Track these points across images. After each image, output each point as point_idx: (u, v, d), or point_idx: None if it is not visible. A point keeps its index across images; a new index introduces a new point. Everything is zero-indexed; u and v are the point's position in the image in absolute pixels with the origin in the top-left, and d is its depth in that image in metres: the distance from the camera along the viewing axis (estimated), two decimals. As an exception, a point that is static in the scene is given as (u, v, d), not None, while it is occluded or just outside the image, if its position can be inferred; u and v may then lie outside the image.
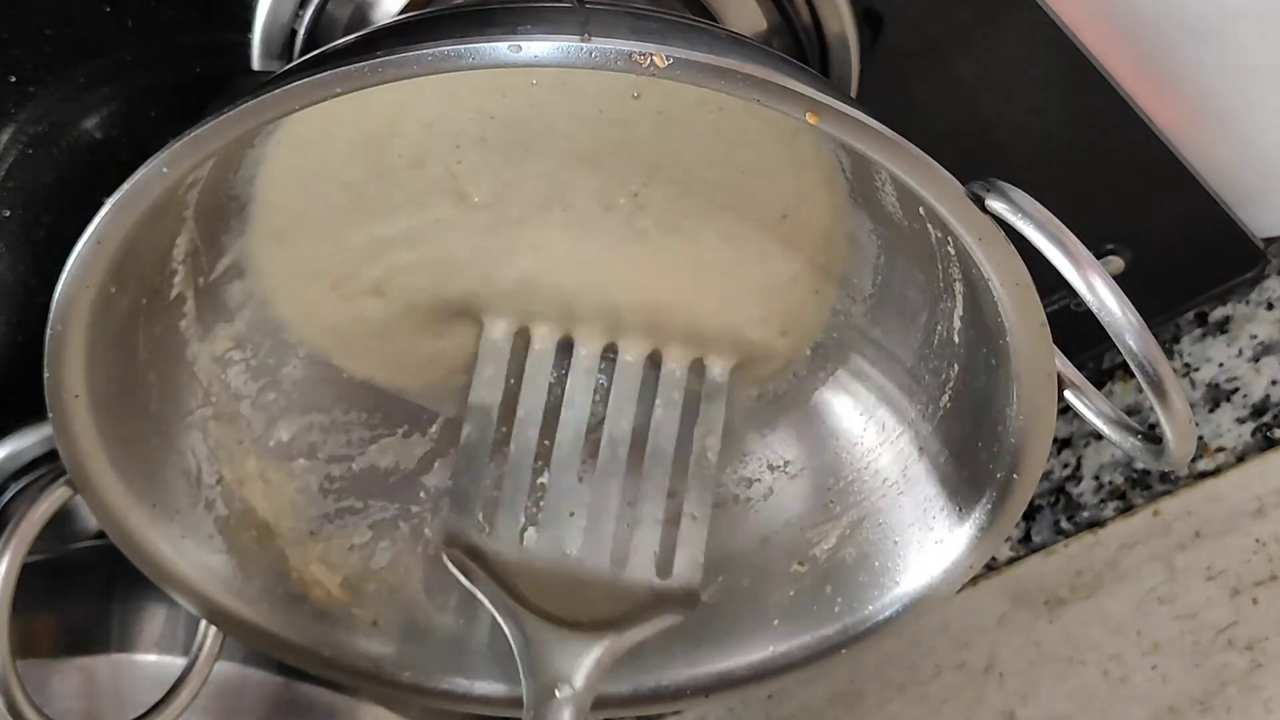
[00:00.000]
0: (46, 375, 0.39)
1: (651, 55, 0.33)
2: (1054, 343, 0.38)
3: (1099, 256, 0.52)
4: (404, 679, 0.49)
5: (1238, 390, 0.56)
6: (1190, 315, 0.58)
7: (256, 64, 0.46)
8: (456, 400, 0.49)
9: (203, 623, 0.46)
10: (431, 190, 0.45)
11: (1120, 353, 0.35)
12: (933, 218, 0.40)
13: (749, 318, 0.47)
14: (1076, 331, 0.42)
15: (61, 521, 0.50)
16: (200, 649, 0.46)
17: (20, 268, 0.49)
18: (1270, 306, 0.56)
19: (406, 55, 0.34)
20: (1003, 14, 0.48)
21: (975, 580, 0.60)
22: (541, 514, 0.47)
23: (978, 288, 0.39)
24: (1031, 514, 0.60)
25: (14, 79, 0.45)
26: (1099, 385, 0.58)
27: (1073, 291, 0.35)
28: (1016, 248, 0.36)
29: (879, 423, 0.47)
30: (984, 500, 0.43)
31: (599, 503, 0.47)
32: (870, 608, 0.46)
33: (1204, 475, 0.56)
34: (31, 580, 0.43)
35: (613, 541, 0.47)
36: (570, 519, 0.47)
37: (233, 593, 0.46)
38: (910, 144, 0.35)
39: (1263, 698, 0.54)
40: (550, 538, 0.47)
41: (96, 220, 0.37)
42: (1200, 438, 0.56)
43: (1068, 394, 0.39)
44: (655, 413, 0.48)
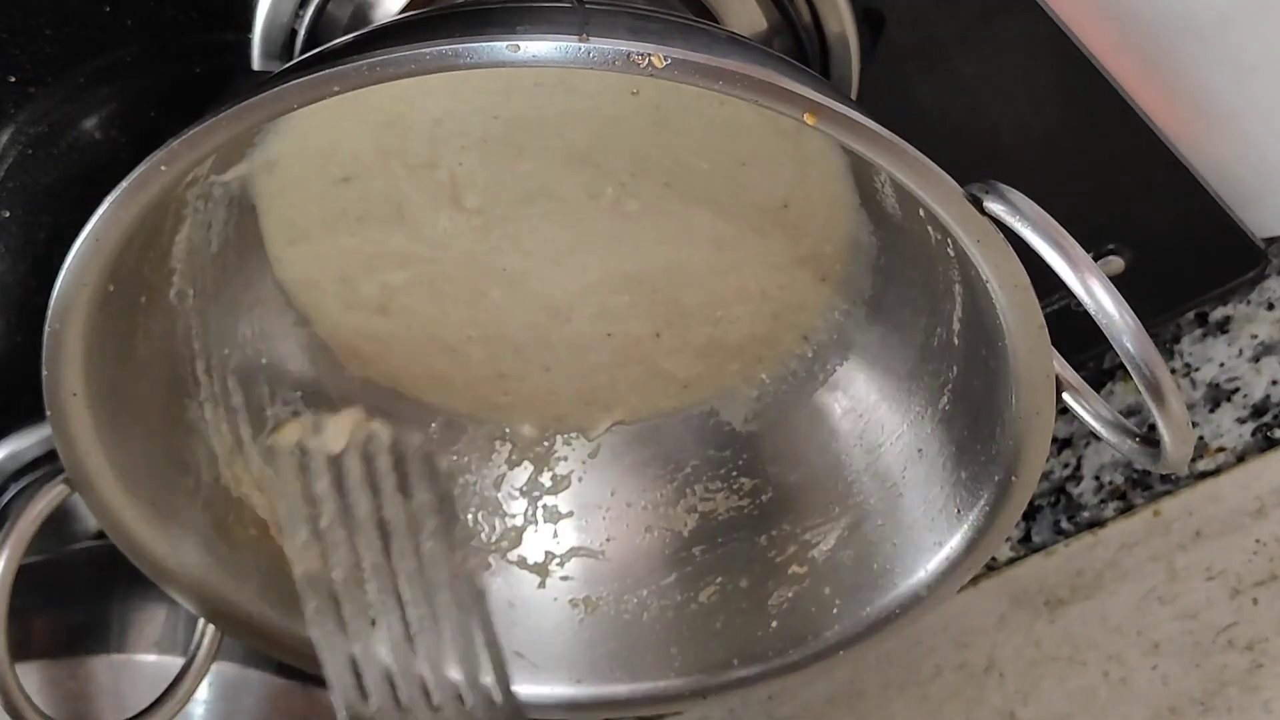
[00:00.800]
0: (45, 374, 0.39)
1: (650, 56, 0.33)
2: (1053, 344, 0.38)
3: (1099, 256, 0.52)
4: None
5: (1238, 390, 0.56)
6: (1191, 315, 0.58)
7: (256, 64, 0.46)
8: (458, 400, 0.49)
9: (201, 622, 0.46)
10: (436, 194, 0.45)
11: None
12: (932, 219, 0.40)
13: (750, 313, 0.47)
14: (1076, 332, 0.41)
15: (60, 521, 0.50)
16: (198, 648, 0.46)
17: (20, 268, 0.49)
18: (1270, 306, 0.56)
19: (404, 55, 0.34)
20: (1003, 14, 0.48)
21: (975, 580, 0.60)
22: None
23: (977, 290, 0.39)
24: (1032, 514, 0.60)
25: (14, 79, 0.45)
26: (1099, 385, 0.58)
27: (1072, 293, 0.35)
28: (1016, 249, 0.36)
29: (879, 424, 0.47)
30: (983, 501, 0.43)
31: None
32: (869, 609, 0.46)
33: (1204, 475, 0.56)
34: (31, 580, 0.42)
35: None
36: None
37: (231, 592, 0.46)
38: (909, 145, 0.35)
39: (1263, 698, 0.54)
40: None
41: (94, 219, 0.37)
42: (1200, 438, 0.56)
43: (1066, 396, 0.39)
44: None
